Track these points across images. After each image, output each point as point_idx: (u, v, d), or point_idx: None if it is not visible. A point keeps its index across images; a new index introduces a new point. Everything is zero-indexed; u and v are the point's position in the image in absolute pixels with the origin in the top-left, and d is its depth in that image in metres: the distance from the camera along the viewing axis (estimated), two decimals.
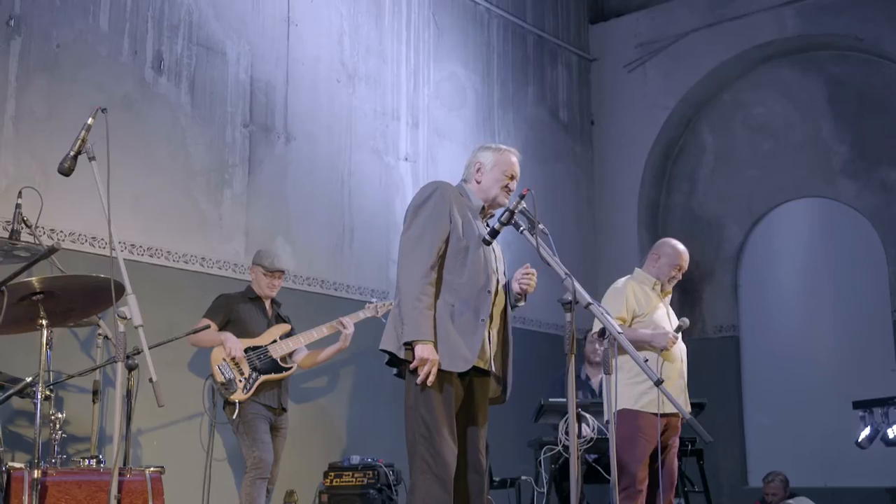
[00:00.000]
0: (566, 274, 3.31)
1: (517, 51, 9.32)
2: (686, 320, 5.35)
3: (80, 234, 5.75)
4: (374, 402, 7.26)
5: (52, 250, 3.18)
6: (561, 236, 9.29)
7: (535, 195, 3.50)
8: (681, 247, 5.49)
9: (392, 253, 7.67)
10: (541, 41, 9.62)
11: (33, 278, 3.26)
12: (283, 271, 5.86)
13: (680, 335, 5.30)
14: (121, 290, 3.25)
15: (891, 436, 7.25)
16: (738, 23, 9.34)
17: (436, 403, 3.79)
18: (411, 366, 3.78)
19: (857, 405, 7.52)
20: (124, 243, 5.95)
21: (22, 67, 5.67)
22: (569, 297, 3.25)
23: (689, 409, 5.41)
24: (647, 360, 3.39)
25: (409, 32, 8.17)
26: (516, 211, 3.57)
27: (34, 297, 3.36)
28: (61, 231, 5.66)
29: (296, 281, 6.86)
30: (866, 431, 7.39)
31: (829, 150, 9.19)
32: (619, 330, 3.55)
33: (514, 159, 4.15)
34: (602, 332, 3.55)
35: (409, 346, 3.81)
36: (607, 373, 3.62)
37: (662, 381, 3.29)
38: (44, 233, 5.47)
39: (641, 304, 5.32)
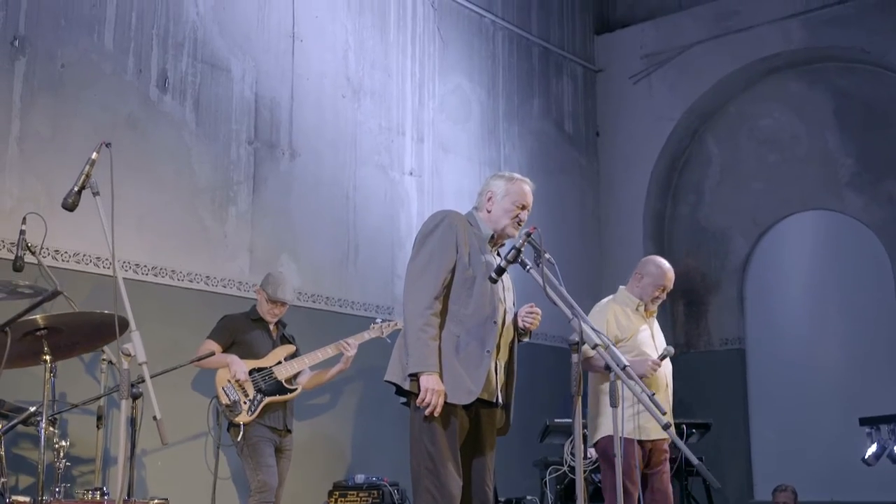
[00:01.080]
0: (573, 314, 3.28)
1: (522, 63, 9.30)
2: (671, 349, 5.16)
3: (84, 255, 5.74)
4: (378, 420, 7.24)
5: (54, 294, 3.16)
6: (566, 248, 9.34)
7: (541, 233, 3.47)
8: (666, 265, 5.34)
9: (397, 268, 7.65)
10: (546, 53, 9.60)
11: (37, 316, 3.24)
12: (284, 303, 5.79)
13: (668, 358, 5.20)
14: (125, 326, 3.23)
15: None
16: (744, 35, 9.31)
17: (440, 436, 3.77)
18: (418, 399, 3.76)
19: (864, 421, 7.47)
20: (128, 263, 5.94)
21: (27, 87, 5.66)
22: (575, 337, 3.23)
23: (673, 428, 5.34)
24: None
25: (414, 46, 8.16)
26: (522, 248, 3.55)
27: (38, 333, 3.35)
28: (66, 252, 5.65)
29: (301, 298, 6.84)
30: (873, 448, 7.34)
31: (835, 162, 9.15)
32: (627, 363, 3.53)
33: (528, 189, 4.13)
34: (607, 366, 3.52)
35: (415, 377, 3.80)
36: (613, 406, 3.60)
37: (670, 426, 3.26)
38: (48, 254, 5.47)
39: (623, 327, 5.17)
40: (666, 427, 3.20)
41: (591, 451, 5.84)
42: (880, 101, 8.92)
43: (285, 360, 5.67)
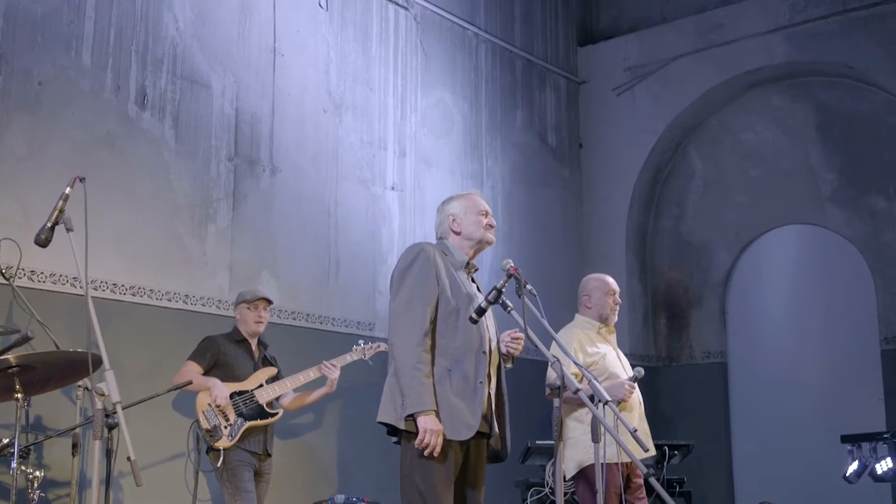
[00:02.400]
0: (555, 358, 3.24)
1: (505, 75, 9.26)
2: (641, 370, 5.11)
3: (60, 275, 5.66)
4: (360, 440, 7.18)
5: (25, 339, 3.11)
6: (548, 260, 9.32)
7: (522, 273, 3.43)
8: (603, 275, 5.32)
9: (379, 284, 7.60)
10: (529, 65, 9.56)
11: (9, 355, 3.18)
12: (267, 300, 5.74)
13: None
14: (98, 364, 3.18)
15: (879, 472, 7.21)
16: (728, 48, 9.31)
17: (434, 474, 3.72)
18: (416, 440, 3.69)
19: (846, 439, 7.49)
20: (106, 282, 5.86)
21: (2, 106, 5.58)
22: (558, 381, 3.19)
23: (653, 450, 5.29)
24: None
25: (396, 59, 8.10)
26: (503, 289, 3.50)
27: (9, 371, 3.28)
28: (41, 272, 5.57)
29: (281, 315, 6.78)
30: (854, 466, 7.35)
31: (817, 177, 9.16)
32: (609, 398, 3.50)
33: (480, 198, 4.16)
34: (592, 398, 3.48)
35: (411, 417, 3.73)
36: (595, 441, 3.56)
37: (652, 474, 3.22)
38: (24, 275, 5.40)
39: (589, 352, 5.08)
40: (647, 476, 3.16)
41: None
42: (863, 116, 8.93)
43: (267, 382, 5.61)
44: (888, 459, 7.20)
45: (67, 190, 3.27)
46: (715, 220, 9.68)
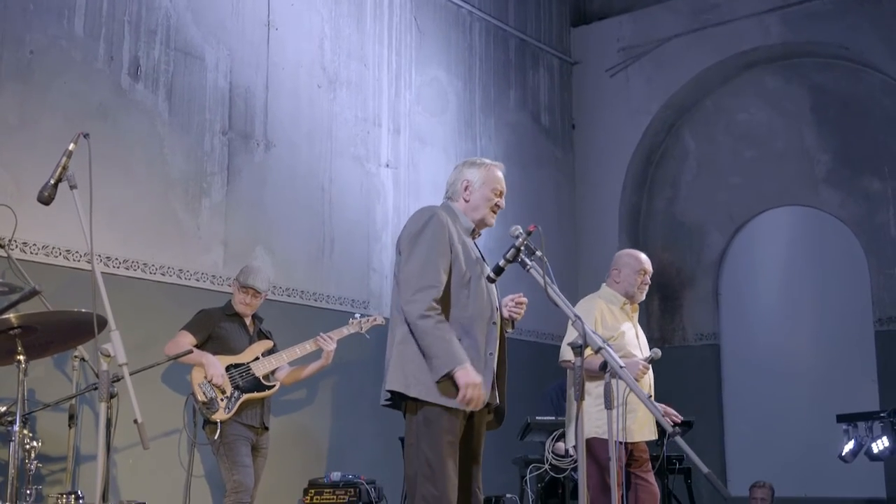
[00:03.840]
0: (576, 316, 3.18)
1: (499, 54, 9.19)
2: (658, 351, 5.08)
3: (53, 247, 5.57)
4: (354, 417, 7.12)
5: (32, 293, 3.01)
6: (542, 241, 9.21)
7: (542, 231, 3.36)
8: (638, 252, 5.33)
9: (373, 262, 7.54)
10: (523, 44, 9.49)
11: (11, 315, 3.09)
12: (255, 289, 5.60)
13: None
14: (103, 324, 3.10)
15: (875, 451, 7.20)
16: (722, 29, 9.26)
17: (440, 441, 3.66)
18: (458, 397, 3.60)
19: (842, 419, 7.47)
20: (99, 256, 5.76)
21: None
22: (580, 340, 3.13)
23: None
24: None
25: (391, 36, 8.01)
26: (522, 247, 3.43)
27: (11, 332, 3.19)
28: (34, 244, 5.47)
29: (275, 292, 6.70)
30: (850, 445, 7.34)
31: (812, 158, 9.14)
32: (622, 365, 3.44)
33: (501, 174, 4.03)
34: (604, 366, 3.42)
35: (446, 378, 3.63)
36: (608, 408, 3.50)
37: (678, 433, 3.17)
38: (16, 247, 5.30)
39: (610, 326, 5.10)
40: (673, 435, 3.11)
41: (572, 450, 5.77)
42: (858, 97, 8.91)
43: (263, 355, 5.54)
44: (884, 438, 7.19)
45: (71, 146, 3.19)
46: (708, 201, 9.64)
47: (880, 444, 7.21)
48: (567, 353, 5.16)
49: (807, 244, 9.18)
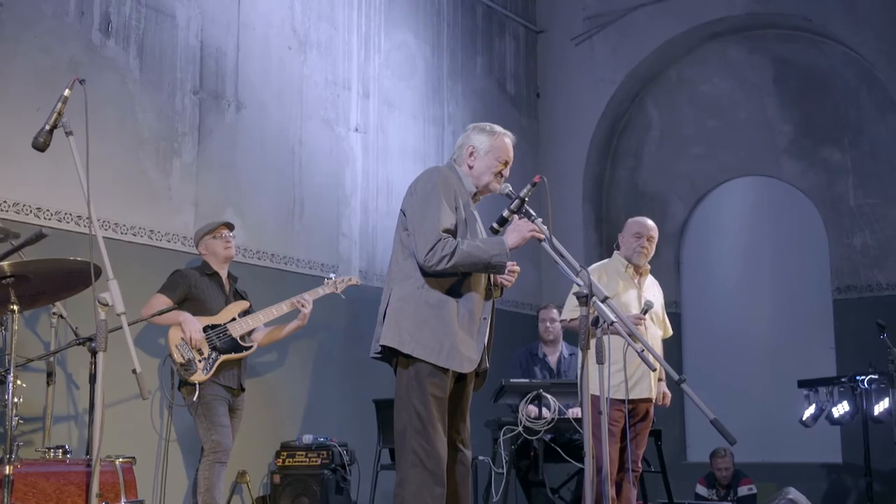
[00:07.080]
0: (581, 266, 3.20)
1: (466, 21, 9.16)
2: (651, 302, 5.30)
3: (24, 205, 5.45)
4: (325, 379, 7.10)
5: (39, 236, 2.95)
6: (503, 209, 9.23)
7: (547, 182, 3.37)
8: (639, 217, 5.68)
9: (342, 226, 7.50)
10: (489, 11, 9.46)
11: (4, 263, 3.02)
12: (229, 224, 5.75)
13: (650, 320, 5.25)
14: (99, 273, 3.05)
15: (835, 415, 7.37)
16: None
17: (431, 397, 3.68)
18: (528, 231, 3.70)
19: (803, 384, 7.63)
20: (70, 214, 5.66)
21: None
22: (585, 290, 3.15)
23: (662, 396, 5.43)
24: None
25: None
26: (527, 198, 3.45)
27: (4, 281, 3.13)
28: (4, 201, 5.35)
29: (246, 255, 6.64)
30: (811, 410, 7.51)
31: (773, 129, 9.24)
32: (614, 318, 3.47)
33: (510, 143, 4.05)
34: (595, 322, 3.45)
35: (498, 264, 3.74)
36: (600, 362, 3.53)
37: (685, 380, 3.21)
38: None
39: (606, 286, 5.24)
40: (681, 382, 3.15)
41: (545, 410, 5.83)
42: (819, 69, 9.02)
43: (239, 316, 5.50)
44: (844, 403, 7.37)
45: (66, 92, 3.14)
46: (671, 171, 9.72)
47: (840, 409, 7.38)
48: (569, 313, 5.30)
49: (767, 214, 9.30)
